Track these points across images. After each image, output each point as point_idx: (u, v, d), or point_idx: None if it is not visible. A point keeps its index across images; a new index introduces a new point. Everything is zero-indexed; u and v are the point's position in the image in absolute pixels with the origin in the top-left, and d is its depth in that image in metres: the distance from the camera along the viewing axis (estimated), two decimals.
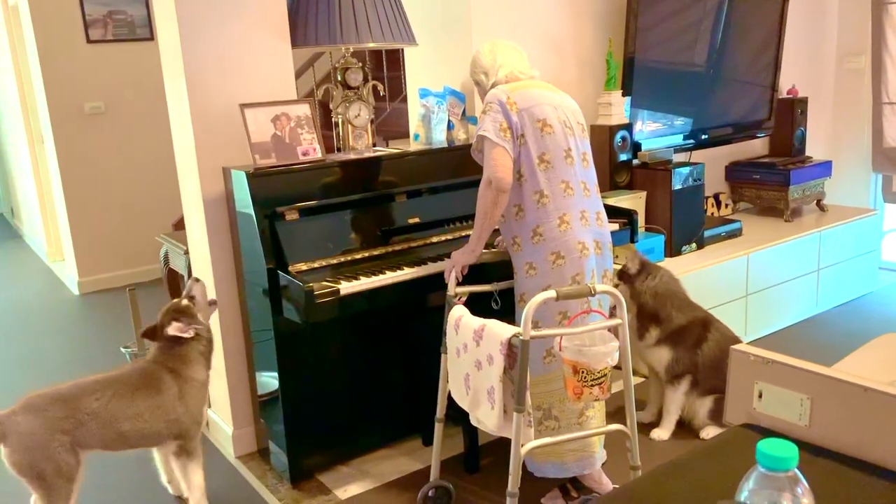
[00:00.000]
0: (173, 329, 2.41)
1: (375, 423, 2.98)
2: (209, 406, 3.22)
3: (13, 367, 4.15)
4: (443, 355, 2.42)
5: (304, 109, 2.75)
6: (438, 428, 2.52)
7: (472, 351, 2.13)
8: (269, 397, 2.83)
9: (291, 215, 2.61)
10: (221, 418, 3.11)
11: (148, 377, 2.39)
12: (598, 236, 2.44)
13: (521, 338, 1.93)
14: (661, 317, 2.90)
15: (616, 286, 2.90)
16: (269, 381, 2.78)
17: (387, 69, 5.27)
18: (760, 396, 1.18)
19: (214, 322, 2.83)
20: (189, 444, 2.46)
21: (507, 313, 2.44)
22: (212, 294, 2.87)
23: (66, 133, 5.32)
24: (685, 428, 2.98)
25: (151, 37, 5.53)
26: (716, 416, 2.87)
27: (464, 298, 2.39)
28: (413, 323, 2.95)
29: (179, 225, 3.99)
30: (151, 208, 5.66)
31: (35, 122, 6.12)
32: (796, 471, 0.80)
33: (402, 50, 3.92)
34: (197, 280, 2.55)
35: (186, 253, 3.13)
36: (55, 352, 4.37)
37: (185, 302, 2.49)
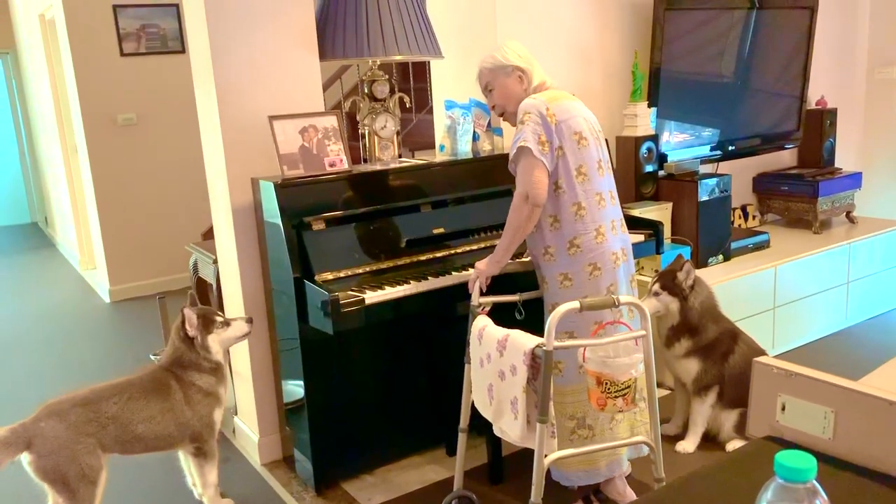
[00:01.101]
0: (189, 323, 2.46)
1: (400, 432, 2.99)
2: (235, 413, 3.26)
3: (47, 374, 4.23)
4: (466, 365, 2.43)
5: (331, 121, 2.78)
6: (462, 438, 2.53)
7: (495, 361, 2.13)
8: (295, 405, 2.86)
9: (318, 225, 2.64)
10: (248, 426, 3.15)
11: (157, 382, 2.46)
12: (624, 243, 2.46)
13: (544, 348, 1.94)
14: (699, 330, 2.88)
15: (657, 295, 2.88)
16: (295, 389, 2.81)
17: (413, 81, 5.31)
18: (784, 409, 1.18)
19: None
20: (205, 446, 2.53)
21: (531, 324, 2.45)
22: (239, 304, 2.91)
23: (99, 144, 5.43)
24: (710, 441, 2.95)
25: (183, 49, 5.63)
26: (741, 429, 2.84)
27: (487, 308, 2.40)
28: (438, 332, 2.96)
29: (208, 235, 4.05)
30: (181, 218, 5.74)
31: (69, 133, 6.25)
32: (815, 482, 0.81)
33: (429, 62, 3.96)
34: (249, 320, 2.59)
35: (215, 262, 3.18)
36: (87, 358, 4.45)
37: (218, 317, 2.53)
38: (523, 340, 2.03)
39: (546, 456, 2.00)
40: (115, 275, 5.61)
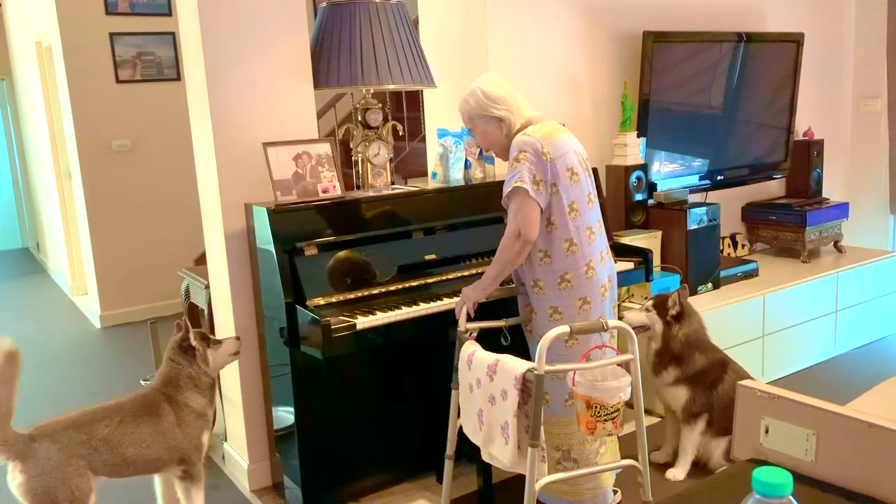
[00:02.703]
0: (193, 335, 2.47)
1: (390, 459, 2.99)
2: (224, 439, 3.25)
3: (37, 399, 4.20)
4: (454, 391, 2.44)
5: (324, 148, 2.82)
6: (448, 465, 2.53)
7: (485, 386, 2.15)
8: (284, 432, 2.86)
9: (310, 251, 2.66)
10: (237, 452, 3.13)
11: (148, 404, 2.45)
12: (610, 271, 2.50)
13: (535, 372, 1.96)
14: (684, 360, 2.90)
15: (647, 311, 2.91)
16: (286, 415, 2.81)
17: (406, 109, 5.38)
18: (767, 432, 1.20)
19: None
20: (192, 468, 2.51)
21: (517, 350, 2.46)
22: (231, 330, 2.92)
23: (93, 169, 5.46)
24: (701, 469, 2.95)
25: (178, 77, 5.68)
26: (731, 457, 2.85)
27: (474, 334, 2.41)
28: (428, 358, 2.97)
29: (200, 261, 4.06)
30: (173, 244, 5.75)
31: (63, 158, 6.28)
32: (791, 498, 0.82)
33: (422, 91, 4.01)
34: (238, 338, 2.62)
35: (207, 287, 3.19)
36: (78, 384, 4.43)
37: (211, 337, 2.54)
38: (514, 365, 2.04)
39: (537, 480, 2.00)
40: (106, 300, 5.60)
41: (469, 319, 2.46)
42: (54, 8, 5.21)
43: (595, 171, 2.63)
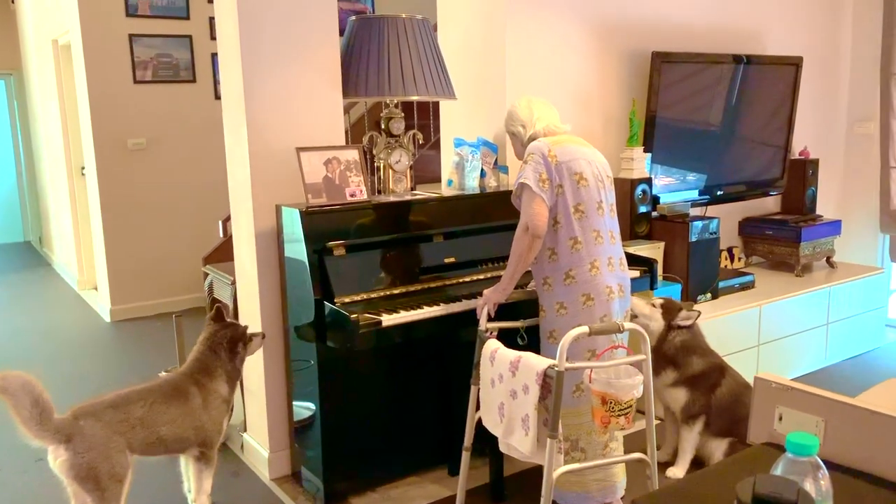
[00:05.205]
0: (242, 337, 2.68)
1: (405, 451, 3.13)
2: (244, 429, 3.38)
3: (54, 391, 4.31)
4: (472, 387, 2.60)
5: (353, 154, 2.97)
6: (465, 457, 2.68)
7: (507, 381, 2.30)
8: (305, 423, 3.00)
9: (339, 251, 2.81)
10: (258, 441, 3.27)
11: (178, 388, 2.63)
12: (621, 280, 2.65)
13: (556, 369, 2.11)
14: (679, 363, 3.06)
15: (654, 306, 3.07)
16: (307, 407, 2.95)
17: (417, 117, 5.53)
18: (780, 419, 1.36)
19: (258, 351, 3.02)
20: (209, 451, 2.69)
21: (532, 349, 2.62)
22: (257, 324, 3.06)
23: (108, 166, 5.59)
24: (701, 468, 3.11)
25: (194, 79, 5.83)
26: None
27: (494, 333, 2.58)
28: (442, 355, 3.12)
29: (210, 258, 4.16)
30: (184, 240, 5.89)
31: (76, 155, 6.39)
32: (817, 458, 0.98)
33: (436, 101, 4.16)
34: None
35: (233, 283, 3.33)
36: (92, 376, 4.55)
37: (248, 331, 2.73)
38: (535, 362, 2.20)
39: (555, 470, 2.15)
40: (117, 295, 5.72)
41: (489, 319, 2.62)
42: (76, 8, 5.34)
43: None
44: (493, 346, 2.44)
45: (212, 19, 5.77)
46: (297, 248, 2.83)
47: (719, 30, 4.39)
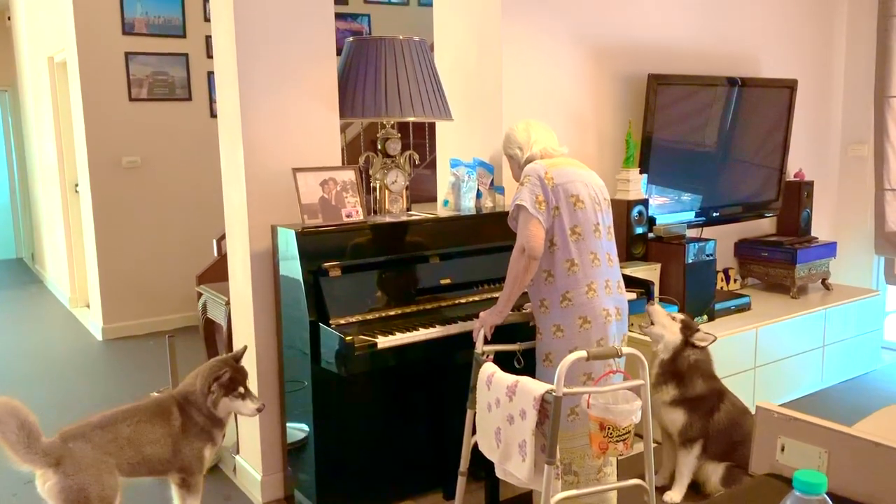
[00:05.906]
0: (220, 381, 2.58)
1: (400, 474, 3.10)
2: (236, 451, 3.34)
3: (43, 410, 4.26)
4: (469, 411, 2.57)
5: (349, 175, 2.96)
6: (461, 481, 2.65)
7: (504, 406, 2.28)
8: (299, 446, 2.96)
9: (334, 272, 2.79)
10: (251, 464, 3.23)
11: (160, 407, 2.58)
12: (619, 303, 2.63)
13: (554, 394, 2.09)
14: (685, 381, 3.03)
15: (674, 319, 3.04)
16: (301, 430, 2.92)
17: (413, 137, 5.53)
18: (783, 450, 1.34)
19: (252, 369, 2.98)
20: (191, 479, 2.61)
21: (530, 372, 2.60)
22: (252, 345, 3.03)
23: (102, 184, 5.56)
24: (698, 493, 3.09)
25: (189, 97, 5.82)
26: (729, 483, 2.98)
27: (491, 356, 2.55)
28: (437, 378, 3.10)
29: (204, 277, 4.14)
30: (177, 259, 5.85)
31: (70, 172, 6.37)
32: (826, 496, 0.96)
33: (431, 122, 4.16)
34: (261, 408, 2.66)
35: (227, 304, 3.30)
36: (84, 395, 4.50)
37: (241, 388, 2.60)
38: (533, 386, 2.18)
39: (552, 496, 2.13)
40: (109, 313, 5.68)
41: (486, 342, 2.60)
42: (73, 26, 5.34)
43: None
44: (489, 369, 2.41)
45: (208, 37, 5.78)
46: (292, 269, 2.81)
47: (714, 52, 4.41)
